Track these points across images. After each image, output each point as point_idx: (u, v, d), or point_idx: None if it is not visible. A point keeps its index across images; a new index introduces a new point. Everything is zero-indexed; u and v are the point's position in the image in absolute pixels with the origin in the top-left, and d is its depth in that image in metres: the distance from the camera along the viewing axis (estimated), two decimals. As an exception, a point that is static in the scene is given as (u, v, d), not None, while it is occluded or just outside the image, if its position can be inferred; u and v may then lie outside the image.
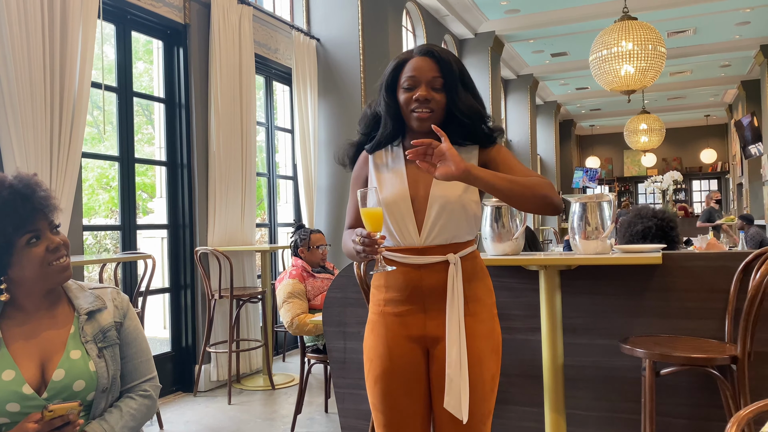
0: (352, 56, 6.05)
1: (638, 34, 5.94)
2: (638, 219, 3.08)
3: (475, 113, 1.64)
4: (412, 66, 1.63)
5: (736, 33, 9.88)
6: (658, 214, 3.08)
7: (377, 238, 1.50)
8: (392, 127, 1.68)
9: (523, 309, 2.57)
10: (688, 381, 2.36)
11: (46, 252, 1.43)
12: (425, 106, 1.60)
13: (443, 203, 1.60)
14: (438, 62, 1.62)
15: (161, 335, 4.96)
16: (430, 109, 1.61)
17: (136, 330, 1.59)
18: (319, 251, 3.91)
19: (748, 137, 11.28)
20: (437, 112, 1.62)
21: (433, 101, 1.61)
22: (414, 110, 1.62)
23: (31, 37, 3.20)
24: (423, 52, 1.65)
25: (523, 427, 2.60)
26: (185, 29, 4.56)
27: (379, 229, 1.52)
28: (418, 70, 1.62)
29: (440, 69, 1.62)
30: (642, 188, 17.01)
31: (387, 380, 1.64)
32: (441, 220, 1.60)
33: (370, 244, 1.49)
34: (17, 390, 1.38)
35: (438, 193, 1.60)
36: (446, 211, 1.60)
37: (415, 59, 1.64)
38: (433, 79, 1.62)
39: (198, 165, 4.54)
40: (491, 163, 1.66)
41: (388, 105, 1.66)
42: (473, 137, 1.67)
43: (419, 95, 1.60)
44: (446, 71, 1.62)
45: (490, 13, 8.78)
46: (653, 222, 3.05)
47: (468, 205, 1.61)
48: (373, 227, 1.51)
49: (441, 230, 1.61)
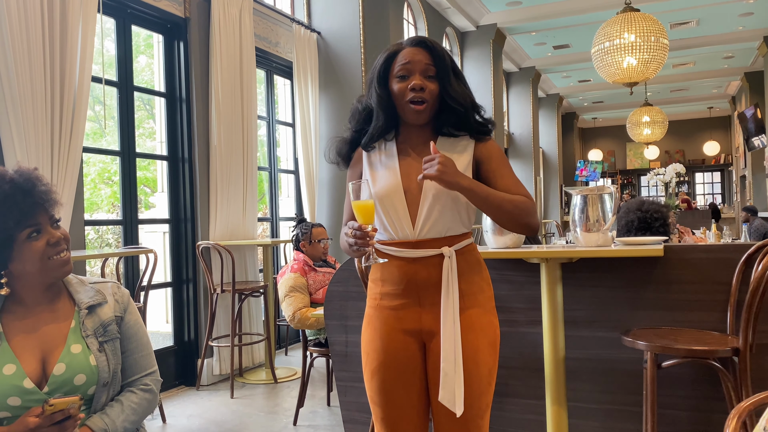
0: (353, 49, 6.03)
1: (641, 25, 5.91)
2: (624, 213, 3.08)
3: (468, 102, 1.65)
4: (405, 56, 1.63)
5: (740, 24, 9.82)
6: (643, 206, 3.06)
7: (368, 230, 1.51)
8: (384, 119, 1.67)
9: (525, 302, 2.56)
10: (689, 373, 2.36)
11: (47, 246, 1.43)
12: (419, 95, 1.60)
13: (436, 195, 1.59)
14: (430, 51, 1.63)
15: (164, 329, 4.97)
16: (423, 98, 1.61)
17: (136, 324, 1.59)
18: (321, 245, 3.91)
19: (752, 129, 11.23)
20: (431, 101, 1.62)
21: (427, 90, 1.61)
22: (410, 100, 1.61)
23: (31, 32, 3.20)
24: (414, 43, 1.65)
25: (524, 420, 2.60)
26: (185, 23, 4.55)
27: (371, 221, 1.53)
28: (411, 59, 1.62)
29: (432, 58, 1.63)
30: (645, 181, 16.99)
31: (383, 374, 1.64)
32: (434, 213, 1.60)
33: (361, 237, 1.51)
34: (18, 384, 1.38)
35: (430, 186, 1.60)
36: (439, 204, 1.60)
37: (407, 50, 1.65)
38: (426, 68, 1.62)
39: (199, 159, 4.54)
40: (485, 162, 1.66)
41: (380, 97, 1.65)
42: (466, 126, 1.67)
43: (414, 83, 1.60)
44: (438, 60, 1.63)
45: (491, 5, 8.74)
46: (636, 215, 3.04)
47: (459, 196, 1.60)
48: (364, 220, 1.52)
49: (434, 223, 1.60)
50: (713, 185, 17.89)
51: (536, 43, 10.49)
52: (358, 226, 1.52)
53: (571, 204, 2.46)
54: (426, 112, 1.62)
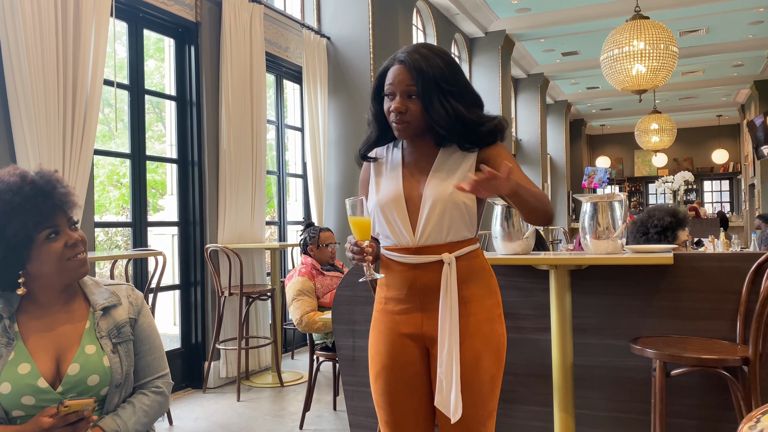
0: (363, 55, 6.05)
1: (650, 33, 5.90)
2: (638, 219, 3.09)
3: (455, 121, 1.59)
4: (390, 75, 1.61)
5: (749, 32, 9.80)
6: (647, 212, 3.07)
7: (365, 246, 1.52)
8: (378, 132, 1.71)
9: (533, 309, 2.56)
10: (698, 382, 2.35)
11: (65, 247, 1.45)
12: (400, 117, 1.59)
13: (434, 201, 1.59)
14: (410, 70, 1.57)
15: (171, 332, 4.98)
16: (405, 121, 1.59)
17: (149, 327, 1.61)
18: (328, 249, 3.92)
19: (761, 137, 11.18)
20: (413, 122, 1.60)
21: (408, 112, 1.58)
22: (393, 122, 1.61)
23: (44, 35, 3.23)
24: (398, 61, 1.61)
25: (531, 427, 2.59)
26: (197, 27, 4.59)
27: (366, 237, 1.54)
28: (393, 80, 1.60)
29: (413, 78, 1.57)
30: (653, 188, 16.93)
31: (386, 377, 1.66)
32: (433, 219, 1.60)
33: (358, 252, 1.52)
34: (33, 383, 1.40)
35: (429, 193, 1.60)
36: (437, 210, 1.59)
37: (392, 68, 1.61)
38: (407, 88, 1.58)
39: (209, 162, 4.56)
40: (490, 162, 1.62)
41: (375, 112, 1.70)
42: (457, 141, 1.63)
43: (394, 107, 1.59)
44: (419, 80, 1.56)
45: (500, 12, 8.75)
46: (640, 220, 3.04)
47: (459, 202, 1.59)
48: (360, 236, 1.53)
49: (434, 229, 1.60)
50: (722, 193, 17.79)
51: (545, 49, 10.49)
52: (354, 241, 1.53)
53: (581, 211, 2.46)
54: (408, 131, 1.61)
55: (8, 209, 1.39)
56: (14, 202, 1.39)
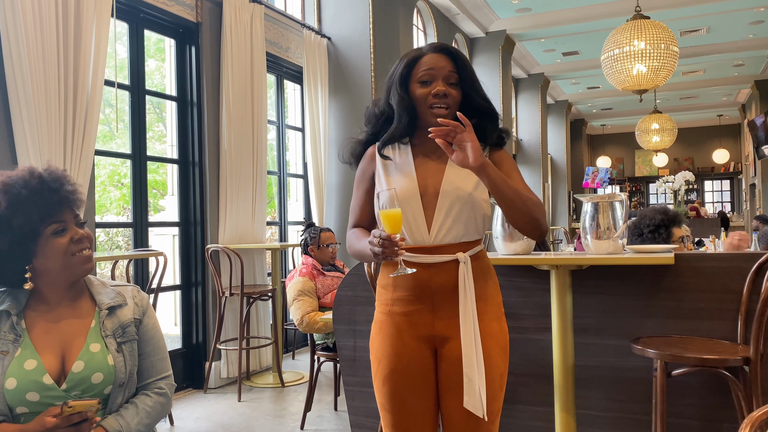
0: (363, 55, 6.06)
1: (651, 33, 5.90)
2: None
3: (489, 111, 1.67)
4: (428, 62, 1.64)
5: (750, 32, 9.79)
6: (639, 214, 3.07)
7: (397, 239, 1.47)
8: (407, 120, 1.66)
9: (534, 309, 2.56)
10: (699, 382, 2.35)
11: (70, 243, 1.47)
12: (443, 101, 1.61)
13: (453, 199, 1.59)
14: (453, 59, 1.64)
15: (172, 332, 4.99)
16: (447, 104, 1.62)
17: (154, 328, 1.62)
18: (329, 249, 3.92)
19: (761, 137, 11.18)
20: (453, 107, 1.63)
21: (450, 96, 1.62)
22: (432, 106, 1.62)
23: (45, 35, 3.23)
24: (437, 49, 1.66)
25: (532, 427, 2.59)
26: (197, 28, 4.59)
27: (398, 230, 1.49)
28: (435, 65, 1.62)
29: (455, 65, 1.63)
30: (653, 188, 16.93)
31: (396, 380, 1.63)
32: (451, 218, 1.60)
33: (389, 246, 1.46)
34: (38, 380, 1.41)
35: (448, 189, 1.60)
36: (456, 208, 1.59)
37: (430, 55, 1.65)
38: (449, 74, 1.62)
39: (209, 163, 4.56)
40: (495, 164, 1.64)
41: (402, 98, 1.65)
42: (482, 135, 1.66)
43: (437, 90, 1.61)
44: (461, 68, 1.64)
45: (501, 12, 8.75)
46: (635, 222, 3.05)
47: (478, 203, 1.61)
48: (392, 229, 1.48)
49: (450, 229, 1.60)
50: (722, 193, 17.79)
51: (545, 49, 10.49)
52: (386, 235, 1.46)
53: (582, 211, 2.46)
54: (449, 115, 1.61)
55: (15, 202, 1.41)
56: (21, 195, 1.42)
